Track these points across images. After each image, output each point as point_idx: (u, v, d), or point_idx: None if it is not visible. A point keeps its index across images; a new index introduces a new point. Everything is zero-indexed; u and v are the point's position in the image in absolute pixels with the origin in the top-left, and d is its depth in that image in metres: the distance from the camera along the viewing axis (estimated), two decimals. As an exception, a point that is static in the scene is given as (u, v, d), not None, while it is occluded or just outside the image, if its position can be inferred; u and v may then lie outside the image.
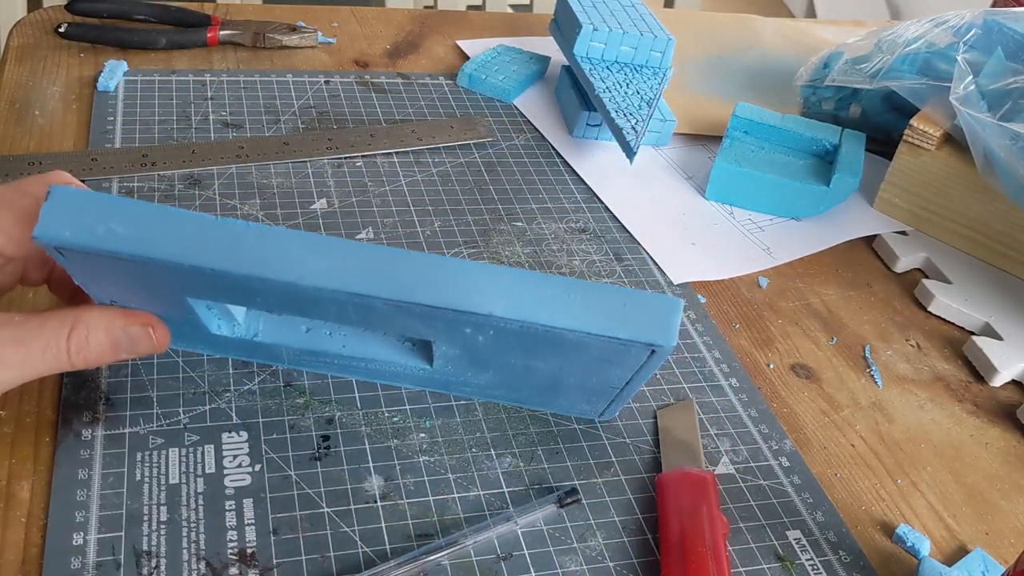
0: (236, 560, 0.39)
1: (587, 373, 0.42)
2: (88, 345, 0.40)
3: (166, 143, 0.62)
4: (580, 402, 0.46)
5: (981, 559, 0.44)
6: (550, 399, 0.46)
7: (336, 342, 0.45)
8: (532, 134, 0.72)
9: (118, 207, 0.35)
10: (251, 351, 0.46)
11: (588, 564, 0.41)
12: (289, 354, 0.46)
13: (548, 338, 0.38)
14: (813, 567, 0.43)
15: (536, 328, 0.37)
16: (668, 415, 0.49)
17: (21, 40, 0.72)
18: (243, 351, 0.46)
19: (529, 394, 0.46)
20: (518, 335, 0.38)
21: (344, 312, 0.39)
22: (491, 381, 0.45)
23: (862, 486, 0.48)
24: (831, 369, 0.55)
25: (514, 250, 0.59)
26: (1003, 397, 0.55)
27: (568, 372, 0.42)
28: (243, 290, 0.38)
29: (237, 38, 0.75)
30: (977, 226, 0.65)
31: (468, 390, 0.47)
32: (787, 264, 0.63)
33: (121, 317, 0.40)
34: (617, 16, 0.73)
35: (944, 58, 0.66)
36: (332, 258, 0.36)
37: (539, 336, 0.38)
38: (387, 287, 0.36)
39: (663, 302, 0.37)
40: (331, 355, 0.45)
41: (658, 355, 0.38)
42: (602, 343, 0.37)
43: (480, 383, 0.45)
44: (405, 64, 0.78)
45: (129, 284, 0.39)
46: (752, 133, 0.70)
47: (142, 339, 0.41)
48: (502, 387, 0.46)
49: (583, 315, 0.36)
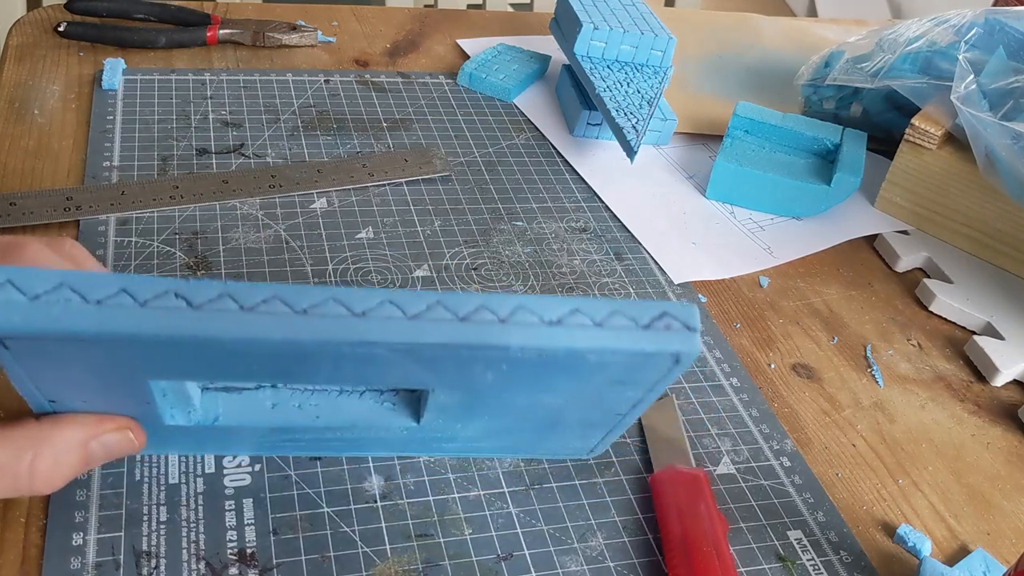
0: (236, 560, 0.39)
1: (596, 400, 0.39)
2: (56, 470, 0.34)
3: (96, 185, 0.57)
4: (574, 439, 0.43)
5: (982, 559, 0.44)
6: (542, 441, 0.43)
7: (308, 415, 0.39)
8: (532, 133, 0.71)
9: (76, 280, 0.30)
10: (207, 441, 0.40)
11: (588, 564, 0.41)
12: (252, 438, 0.40)
13: (566, 364, 0.35)
14: (814, 567, 0.43)
15: (557, 354, 0.33)
16: (650, 413, 0.49)
17: (20, 39, 0.72)
18: (196, 442, 0.40)
19: (520, 439, 0.42)
20: (533, 366, 0.35)
21: (339, 368, 0.34)
22: (482, 430, 0.41)
23: (863, 486, 0.48)
24: (832, 369, 0.55)
25: (514, 249, 0.59)
26: (1004, 397, 0.55)
27: (576, 403, 0.39)
28: (226, 360, 0.33)
29: (237, 37, 0.75)
30: (978, 225, 0.65)
31: (450, 447, 0.42)
32: (788, 263, 0.63)
33: (91, 427, 0.35)
34: (618, 15, 0.73)
35: (945, 57, 0.66)
36: (334, 307, 0.31)
37: (557, 363, 0.34)
38: (398, 331, 0.31)
39: (679, 310, 0.34)
40: (300, 430, 0.39)
41: (681, 364, 0.35)
42: (624, 360, 0.35)
43: (468, 435, 0.41)
44: (405, 63, 0.78)
45: (80, 376, 0.33)
46: (753, 132, 0.70)
47: (121, 445, 0.36)
48: (492, 436, 0.41)
49: (603, 333, 0.33)
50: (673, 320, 0.34)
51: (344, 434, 0.40)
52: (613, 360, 0.34)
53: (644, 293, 0.57)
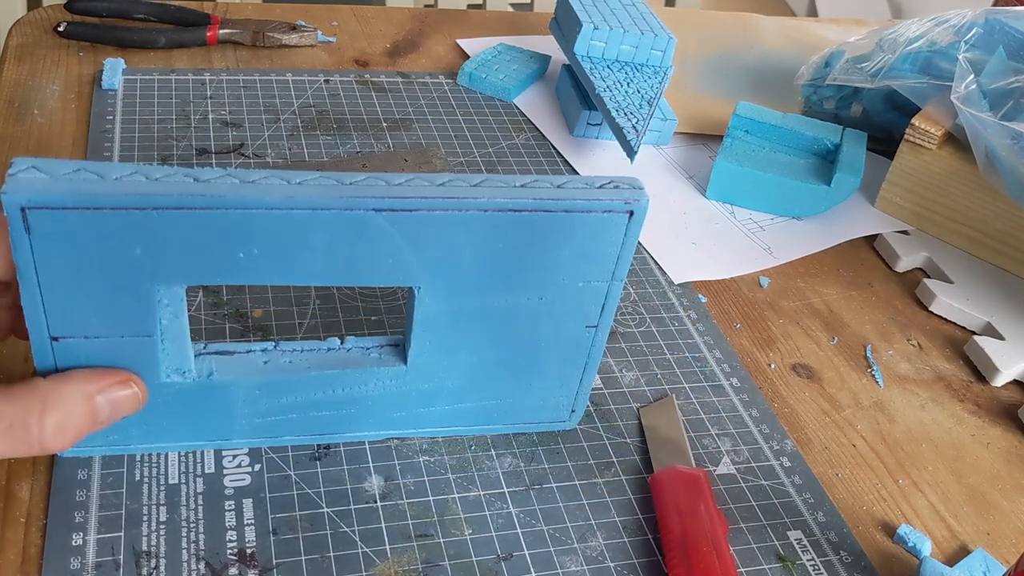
0: (236, 560, 0.39)
1: (564, 304, 0.42)
2: (66, 426, 0.34)
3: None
4: (553, 390, 0.45)
5: (982, 559, 0.44)
6: (523, 395, 0.45)
7: (298, 368, 0.41)
8: (532, 133, 0.71)
9: (95, 166, 0.34)
10: (203, 427, 0.42)
11: (588, 564, 0.41)
12: (248, 419, 0.42)
13: (535, 232, 0.39)
14: (814, 567, 0.43)
15: (526, 213, 0.38)
16: (650, 413, 0.49)
17: (20, 39, 0.72)
18: (193, 430, 0.42)
19: (503, 389, 0.44)
20: (507, 243, 0.39)
21: (332, 252, 0.37)
22: (466, 374, 0.43)
23: (863, 486, 0.48)
24: (832, 369, 0.55)
25: (514, 249, 0.59)
26: (1004, 397, 0.55)
27: (549, 313, 0.42)
28: (228, 244, 0.36)
29: (237, 37, 0.75)
30: (978, 225, 0.65)
31: (436, 413, 0.44)
32: (788, 264, 0.63)
33: (96, 380, 0.36)
34: (618, 15, 0.73)
35: (946, 57, 0.66)
36: (322, 180, 0.36)
37: (529, 232, 0.39)
38: (381, 190, 0.36)
39: (625, 179, 0.40)
40: (292, 389, 0.41)
41: (635, 219, 0.39)
42: (586, 222, 0.39)
43: (452, 384, 0.43)
44: (405, 63, 0.78)
45: (88, 291, 0.36)
46: (753, 132, 0.70)
47: (126, 401, 0.37)
48: (476, 385, 0.44)
49: (564, 191, 0.38)
50: (621, 183, 0.39)
51: (336, 410, 0.43)
52: (576, 223, 0.39)
53: (644, 293, 0.57)
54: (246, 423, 0.42)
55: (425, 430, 0.45)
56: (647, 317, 0.56)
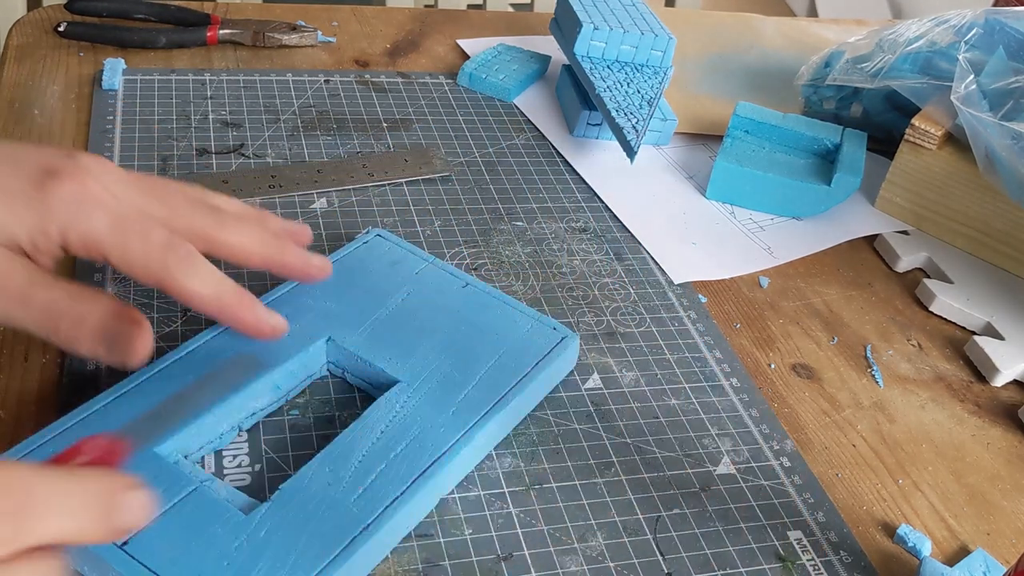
0: (236, 560, 0.39)
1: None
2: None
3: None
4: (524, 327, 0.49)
5: (983, 559, 0.44)
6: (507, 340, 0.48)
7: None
8: (532, 133, 0.71)
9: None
10: None
11: (588, 564, 0.41)
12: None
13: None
14: (814, 567, 0.43)
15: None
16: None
17: (20, 39, 0.72)
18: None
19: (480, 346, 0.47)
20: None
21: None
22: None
23: (863, 486, 0.48)
24: (832, 369, 0.55)
25: (514, 250, 0.59)
26: (1005, 397, 0.55)
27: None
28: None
29: (237, 37, 0.75)
30: (979, 225, 0.65)
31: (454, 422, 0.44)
32: (788, 264, 0.63)
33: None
34: (618, 15, 0.73)
35: (946, 57, 0.66)
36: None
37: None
38: None
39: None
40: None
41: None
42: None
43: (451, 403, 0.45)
44: (405, 63, 0.78)
45: None
46: (753, 132, 0.70)
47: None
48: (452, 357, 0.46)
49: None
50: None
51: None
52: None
53: (644, 293, 0.57)
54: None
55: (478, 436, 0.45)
56: (647, 317, 0.56)
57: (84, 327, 0.39)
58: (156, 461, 0.39)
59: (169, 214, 0.41)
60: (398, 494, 0.40)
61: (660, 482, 0.45)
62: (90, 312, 0.39)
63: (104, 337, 0.39)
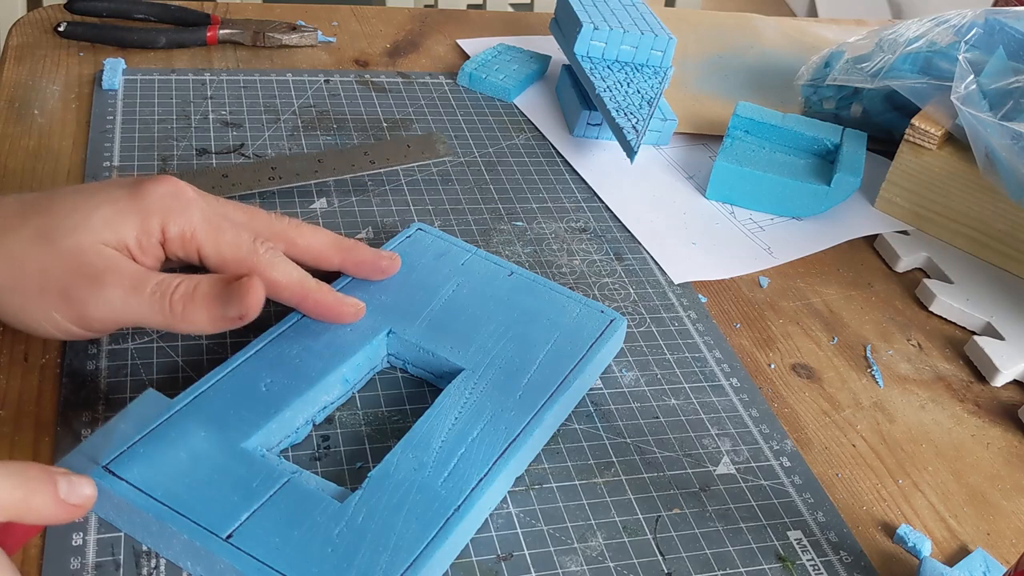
0: (236, 560, 0.39)
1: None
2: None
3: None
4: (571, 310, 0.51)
5: (982, 559, 0.44)
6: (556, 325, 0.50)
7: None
8: (532, 133, 0.71)
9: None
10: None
11: (588, 564, 0.41)
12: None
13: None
14: (814, 567, 0.43)
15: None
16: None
17: (20, 39, 0.72)
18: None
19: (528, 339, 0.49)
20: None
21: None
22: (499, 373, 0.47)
23: (863, 486, 0.48)
24: (832, 369, 0.55)
25: (514, 250, 0.59)
26: (1004, 397, 0.55)
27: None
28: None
29: (237, 37, 0.75)
30: (978, 226, 0.65)
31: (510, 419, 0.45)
32: (788, 264, 0.63)
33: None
34: (618, 15, 0.73)
35: (946, 57, 0.66)
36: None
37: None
38: None
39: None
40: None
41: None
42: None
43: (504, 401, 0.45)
44: (405, 63, 0.78)
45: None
46: (753, 132, 0.70)
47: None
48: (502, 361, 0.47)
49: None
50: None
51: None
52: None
53: (644, 293, 0.57)
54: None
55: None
56: (647, 317, 0.56)
57: (196, 295, 0.41)
58: (245, 456, 0.40)
59: (249, 219, 0.46)
60: (482, 475, 0.41)
61: (660, 482, 0.45)
62: (199, 282, 0.42)
63: (219, 299, 0.41)
